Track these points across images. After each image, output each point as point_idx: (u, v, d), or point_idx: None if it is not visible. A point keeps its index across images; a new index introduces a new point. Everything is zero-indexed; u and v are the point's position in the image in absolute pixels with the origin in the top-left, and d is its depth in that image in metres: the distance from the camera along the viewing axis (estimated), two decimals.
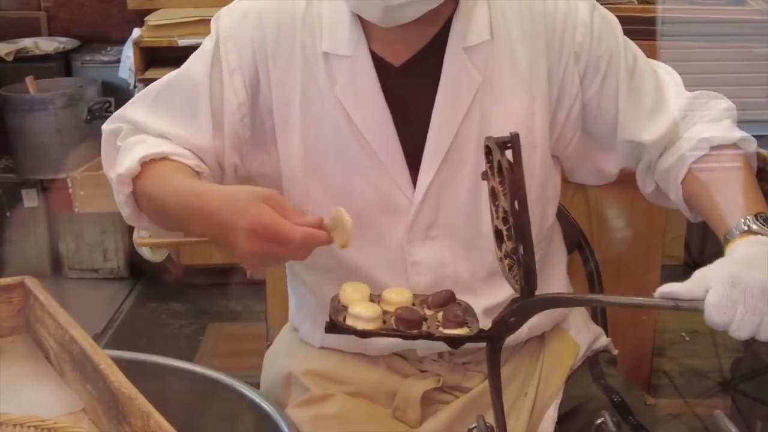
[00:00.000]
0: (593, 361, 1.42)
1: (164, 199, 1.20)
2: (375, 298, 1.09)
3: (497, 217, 1.03)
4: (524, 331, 1.34)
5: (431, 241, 1.28)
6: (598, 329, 1.47)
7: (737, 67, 2.11)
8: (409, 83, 1.25)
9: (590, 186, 1.53)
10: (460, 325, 1.03)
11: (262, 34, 1.26)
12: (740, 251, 1.09)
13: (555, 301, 1.10)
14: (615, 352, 1.48)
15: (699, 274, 1.03)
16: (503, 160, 0.97)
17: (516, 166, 0.96)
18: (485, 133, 1.22)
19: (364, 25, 1.23)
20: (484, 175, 1.05)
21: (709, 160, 1.25)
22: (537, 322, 1.35)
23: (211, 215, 1.11)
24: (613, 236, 1.90)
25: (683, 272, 1.05)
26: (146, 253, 3.26)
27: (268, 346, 1.56)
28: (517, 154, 0.97)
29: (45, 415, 0.98)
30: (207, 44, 1.29)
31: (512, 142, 0.97)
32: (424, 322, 1.03)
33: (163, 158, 1.23)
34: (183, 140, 1.26)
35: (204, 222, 1.13)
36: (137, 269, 3.61)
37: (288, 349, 1.45)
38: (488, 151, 1.02)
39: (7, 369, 1.17)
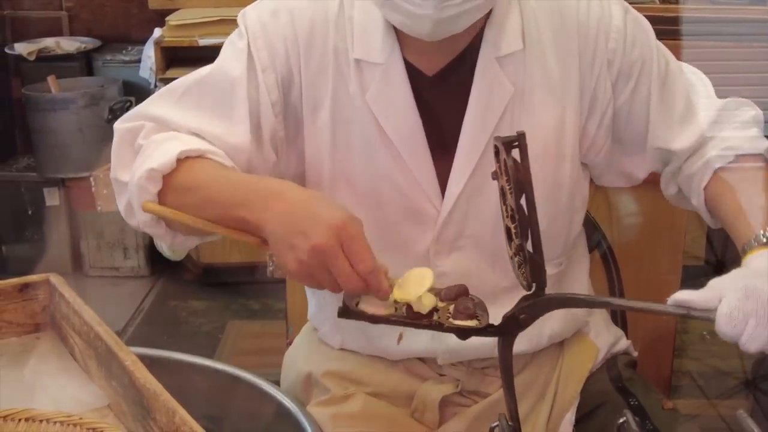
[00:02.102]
0: (611, 364, 1.40)
1: (212, 186, 1.11)
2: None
3: (506, 216, 1.03)
4: (544, 338, 1.34)
5: (458, 252, 1.27)
6: (619, 331, 1.46)
7: (759, 66, 2.10)
8: (441, 93, 1.23)
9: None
10: (471, 317, 1.03)
11: (294, 33, 1.23)
12: (757, 263, 1.08)
13: (564, 301, 1.08)
14: (635, 354, 1.46)
15: (714, 283, 1.02)
16: (508, 159, 0.96)
17: (523, 165, 0.96)
18: None
19: (398, 32, 1.21)
20: (494, 175, 1.04)
21: (733, 169, 1.24)
22: (558, 329, 1.34)
23: (294, 203, 1.04)
24: (633, 236, 1.89)
25: (704, 272, 1.04)
26: (166, 251, 3.29)
27: (288, 344, 1.56)
28: (523, 152, 0.96)
29: (71, 411, 0.99)
30: (238, 42, 1.24)
31: (519, 141, 0.96)
32: (435, 313, 1.03)
33: (199, 156, 1.15)
34: (217, 138, 1.19)
35: (274, 208, 1.04)
36: (157, 267, 3.63)
37: (307, 350, 1.45)
38: (497, 151, 1.02)
39: (32, 366, 1.18)
